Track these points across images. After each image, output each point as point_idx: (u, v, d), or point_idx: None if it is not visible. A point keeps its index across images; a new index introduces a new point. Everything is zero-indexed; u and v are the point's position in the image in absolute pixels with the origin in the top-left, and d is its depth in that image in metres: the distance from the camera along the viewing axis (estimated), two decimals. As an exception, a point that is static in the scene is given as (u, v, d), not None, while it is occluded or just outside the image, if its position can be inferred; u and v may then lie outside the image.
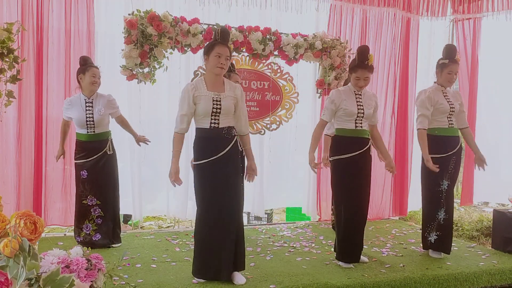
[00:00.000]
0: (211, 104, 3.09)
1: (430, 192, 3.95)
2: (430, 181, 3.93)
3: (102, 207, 3.95)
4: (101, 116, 3.94)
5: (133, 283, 3.10)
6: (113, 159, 4.07)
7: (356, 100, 3.61)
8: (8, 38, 3.62)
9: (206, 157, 3.13)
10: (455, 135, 3.95)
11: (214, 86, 3.14)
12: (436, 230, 3.94)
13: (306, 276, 3.39)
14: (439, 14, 5.86)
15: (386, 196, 5.72)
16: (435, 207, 3.93)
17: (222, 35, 3.14)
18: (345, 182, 3.61)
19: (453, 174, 3.92)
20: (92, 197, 3.94)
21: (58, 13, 4.42)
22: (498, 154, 5.79)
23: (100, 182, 3.96)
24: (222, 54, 3.08)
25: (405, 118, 5.75)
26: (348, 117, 3.59)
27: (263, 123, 5.16)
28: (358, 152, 3.58)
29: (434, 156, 3.87)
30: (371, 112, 3.66)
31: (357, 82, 3.60)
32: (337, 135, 3.69)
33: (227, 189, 3.14)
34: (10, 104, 3.84)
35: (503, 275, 3.68)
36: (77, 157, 4.00)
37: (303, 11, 5.18)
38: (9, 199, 4.24)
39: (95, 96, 3.97)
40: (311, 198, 5.49)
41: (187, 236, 4.57)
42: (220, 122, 3.13)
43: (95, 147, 3.95)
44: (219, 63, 3.08)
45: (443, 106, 3.86)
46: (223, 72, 3.15)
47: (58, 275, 1.75)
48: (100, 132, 3.98)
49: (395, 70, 5.68)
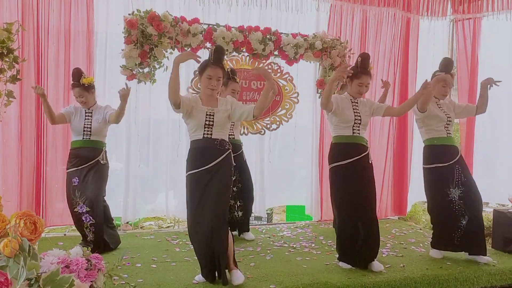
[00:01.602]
0: (204, 117, 3.19)
1: (442, 201, 3.88)
2: (437, 191, 3.90)
3: (92, 214, 3.85)
4: (98, 124, 3.94)
5: (133, 283, 3.10)
6: (105, 169, 4.01)
7: (352, 108, 3.64)
8: (8, 38, 3.62)
9: (197, 167, 3.17)
10: (453, 144, 3.98)
11: (208, 102, 3.27)
12: (459, 233, 3.86)
13: (306, 276, 3.39)
14: (439, 14, 5.86)
15: (386, 196, 5.72)
16: (455, 215, 3.84)
17: (215, 56, 3.20)
18: (345, 188, 3.59)
19: (464, 180, 3.86)
20: (82, 205, 3.87)
21: (58, 13, 4.42)
22: (498, 154, 5.79)
23: (89, 189, 3.87)
24: (213, 76, 3.19)
25: (405, 118, 5.74)
26: (345, 123, 3.61)
27: (263, 123, 5.16)
28: (356, 158, 3.57)
29: (437, 166, 3.87)
30: (368, 120, 3.70)
31: (359, 88, 3.63)
32: (335, 143, 3.70)
33: (213, 201, 3.13)
34: (10, 104, 3.83)
35: (503, 275, 3.68)
36: (69, 166, 3.96)
37: (303, 11, 5.18)
38: (10, 198, 4.24)
39: (95, 107, 4.01)
40: (313, 198, 5.49)
41: (187, 236, 4.50)
42: (213, 134, 3.21)
43: (89, 156, 3.92)
44: (210, 85, 3.22)
45: (439, 116, 3.89)
46: (214, 93, 3.28)
47: (58, 275, 1.75)
48: (95, 140, 3.96)
49: (395, 70, 5.68)
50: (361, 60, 3.62)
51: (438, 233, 3.99)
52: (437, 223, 3.99)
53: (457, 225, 3.86)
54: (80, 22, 4.48)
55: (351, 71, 3.60)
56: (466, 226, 3.83)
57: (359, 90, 3.64)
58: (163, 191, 5.11)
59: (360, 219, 3.57)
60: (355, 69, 3.66)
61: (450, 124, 3.96)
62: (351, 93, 3.69)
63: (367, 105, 3.72)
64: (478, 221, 3.84)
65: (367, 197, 3.62)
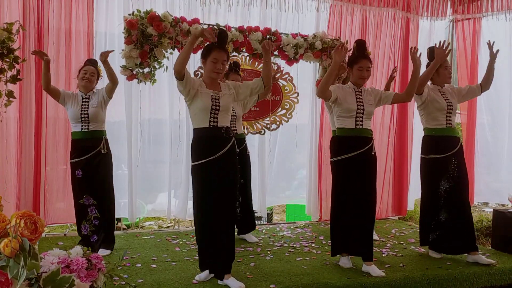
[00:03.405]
0: (209, 101, 3.14)
1: (428, 192, 3.96)
2: (429, 181, 3.94)
3: (98, 208, 3.85)
4: (95, 108, 3.86)
5: (133, 283, 3.11)
6: (108, 159, 3.97)
7: (356, 97, 3.57)
8: (8, 38, 3.62)
9: (205, 157, 3.14)
10: (454, 135, 3.92)
11: (213, 86, 3.23)
12: (436, 230, 3.94)
13: (306, 276, 3.39)
14: (439, 14, 5.86)
15: (386, 195, 5.72)
16: (433, 208, 3.91)
17: (220, 38, 3.18)
18: (345, 182, 3.57)
19: (457, 176, 3.85)
20: (89, 197, 3.84)
21: (58, 13, 4.42)
22: (498, 154, 5.79)
23: (95, 182, 3.86)
24: (219, 59, 3.16)
25: (405, 118, 5.75)
26: (347, 113, 3.54)
27: (263, 123, 5.15)
28: (359, 152, 3.53)
29: (433, 157, 3.86)
30: (372, 110, 3.62)
31: (360, 73, 3.55)
32: (337, 136, 3.66)
33: (225, 189, 3.16)
34: (10, 104, 3.83)
35: (503, 275, 3.68)
36: (72, 157, 3.94)
37: (303, 11, 5.18)
38: (10, 198, 4.24)
39: (92, 93, 3.93)
40: (312, 198, 5.49)
41: (187, 236, 4.57)
42: (219, 121, 3.17)
43: (89, 146, 3.88)
44: (215, 68, 3.17)
45: (439, 104, 3.85)
46: (220, 76, 3.25)
47: (58, 275, 1.75)
48: (94, 129, 3.90)
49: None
50: (357, 45, 3.60)
51: (421, 228, 4.04)
52: (420, 216, 4.05)
53: (433, 217, 3.90)
54: (81, 22, 4.48)
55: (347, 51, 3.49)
56: (441, 219, 3.86)
57: (361, 75, 3.56)
58: (163, 191, 5.11)
59: (357, 214, 3.54)
60: (353, 56, 3.65)
61: (452, 112, 3.89)
62: (353, 80, 3.63)
63: (372, 94, 3.65)
64: (454, 220, 3.83)
65: (367, 192, 3.59)
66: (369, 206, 3.62)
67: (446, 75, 3.92)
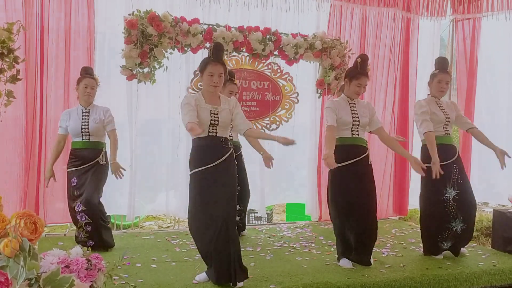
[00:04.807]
0: (209, 115, 3.17)
1: (434, 200, 3.90)
2: (433, 190, 3.89)
3: (88, 214, 3.84)
4: (96, 124, 3.94)
5: (133, 283, 3.10)
6: (104, 170, 4.01)
7: (350, 110, 3.64)
8: (8, 38, 3.62)
9: (205, 164, 3.13)
10: (452, 144, 3.99)
11: (211, 100, 3.25)
12: (450, 239, 3.90)
13: (306, 276, 3.39)
14: (439, 14, 5.86)
15: (386, 196, 5.72)
16: (444, 216, 3.86)
17: (214, 52, 3.19)
18: (345, 190, 3.57)
19: (460, 183, 3.88)
20: (79, 204, 3.86)
21: (58, 13, 4.42)
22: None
23: (87, 189, 3.87)
24: (215, 73, 3.17)
25: (405, 118, 5.75)
26: (344, 125, 3.61)
27: (263, 123, 5.16)
28: (355, 160, 3.56)
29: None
30: (367, 121, 3.68)
31: (358, 89, 3.63)
32: (335, 145, 3.67)
33: (224, 197, 3.13)
34: (10, 104, 3.84)
35: (503, 275, 3.67)
36: (69, 166, 3.97)
37: (303, 11, 5.17)
38: (11, 198, 4.24)
39: (92, 107, 4.00)
40: (312, 198, 5.49)
41: (187, 236, 4.55)
42: (217, 132, 3.20)
43: (89, 156, 3.93)
44: (212, 82, 3.19)
45: (437, 117, 3.89)
46: (218, 89, 3.26)
47: (58, 275, 1.75)
48: (94, 140, 3.96)
49: (395, 70, 5.68)
50: (361, 61, 3.62)
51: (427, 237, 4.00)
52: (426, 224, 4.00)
53: (445, 226, 3.87)
54: (81, 22, 4.48)
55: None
56: (457, 228, 3.86)
57: (357, 91, 3.65)
58: (163, 191, 5.11)
59: (359, 220, 3.56)
60: (354, 70, 3.67)
61: (449, 124, 3.96)
62: (348, 93, 3.68)
63: (367, 108, 3.73)
64: (470, 225, 3.91)
65: (367, 198, 3.62)
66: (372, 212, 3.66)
67: (438, 89, 3.94)
